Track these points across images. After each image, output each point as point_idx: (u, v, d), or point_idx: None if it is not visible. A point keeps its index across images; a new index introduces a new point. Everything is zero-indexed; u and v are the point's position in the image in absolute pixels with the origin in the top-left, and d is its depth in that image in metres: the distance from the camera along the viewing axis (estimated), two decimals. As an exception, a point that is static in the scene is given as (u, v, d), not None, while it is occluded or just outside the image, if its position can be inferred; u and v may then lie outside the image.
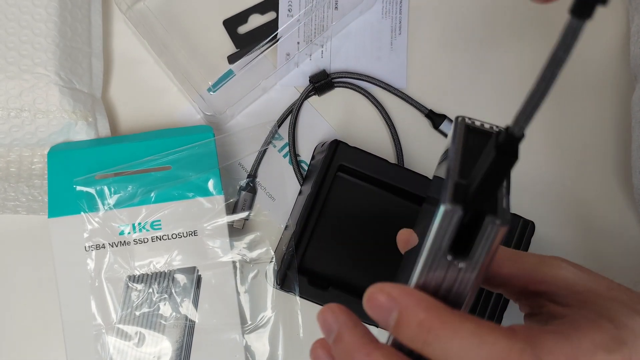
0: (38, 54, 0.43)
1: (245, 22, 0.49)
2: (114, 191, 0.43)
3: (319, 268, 0.44)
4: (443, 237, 0.20)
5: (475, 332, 0.20)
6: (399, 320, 0.21)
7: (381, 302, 0.22)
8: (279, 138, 0.48)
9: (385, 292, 0.22)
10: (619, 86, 0.49)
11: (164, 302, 0.43)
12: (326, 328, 0.24)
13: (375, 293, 0.22)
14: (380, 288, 0.22)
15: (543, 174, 0.48)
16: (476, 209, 0.20)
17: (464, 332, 0.20)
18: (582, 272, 0.26)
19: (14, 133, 0.43)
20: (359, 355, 0.22)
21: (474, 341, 0.20)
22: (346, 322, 0.24)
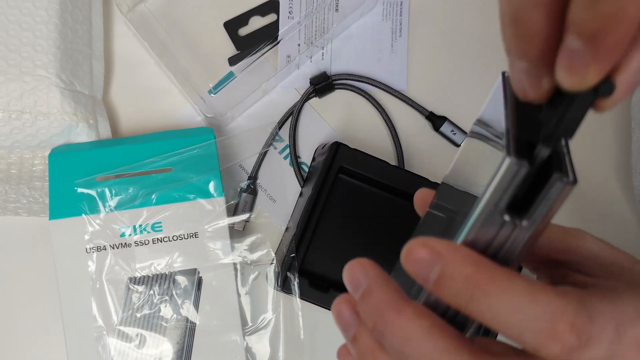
0: (39, 56, 0.43)
1: (246, 24, 0.49)
2: (115, 193, 0.43)
3: (320, 270, 0.45)
4: (503, 193, 0.19)
5: (527, 290, 0.19)
6: (442, 275, 0.20)
7: (422, 256, 0.20)
8: (280, 140, 0.49)
9: (428, 246, 0.20)
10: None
11: (165, 304, 0.43)
12: (354, 283, 0.23)
13: (416, 247, 0.20)
14: (423, 242, 0.20)
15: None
16: (545, 165, 0.19)
17: (515, 289, 0.19)
18: (604, 244, 0.25)
19: (15, 135, 0.43)
20: (389, 312, 0.21)
21: (526, 299, 0.19)
22: (377, 277, 0.22)
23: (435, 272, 0.20)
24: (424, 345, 0.21)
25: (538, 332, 0.19)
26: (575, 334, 0.19)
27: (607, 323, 0.20)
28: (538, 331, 0.19)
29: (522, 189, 0.19)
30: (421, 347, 0.21)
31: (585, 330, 0.19)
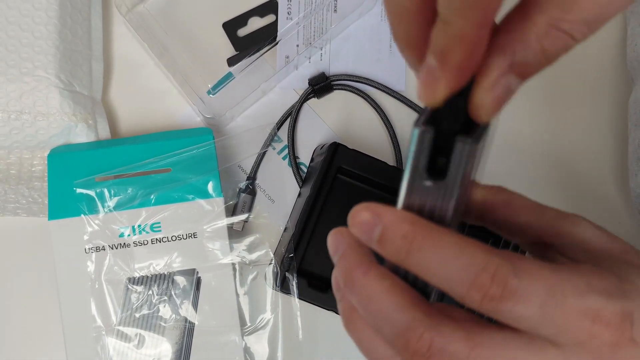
0: (38, 56, 0.43)
1: (244, 25, 0.49)
2: (114, 193, 0.43)
3: (319, 270, 0.45)
4: (419, 159, 0.21)
5: (456, 245, 0.21)
6: (383, 235, 0.22)
7: (365, 219, 0.22)
8: (279, 140, 0.49)
9: (370, 209, 0.22)
10: (615, 88, 0.49)
11: (164, 304, 0.43)
12: (333, 248, 0.24)
13: (360, 210, 0.22)
14: (366, 206, 0.22)
15: (539, 178, 0.48)
16: (448, 130, 0.21)
17: (445, 243, 0.21)
18: (600, 232, 0.26)
19: (14, 135, 0.43)
20: (356, 272, 0.23)
21: (454, 252, 0.21)
22: (351, 243, 0.24)
23: (377, 233, 0.22)
24: (383, 302, 0.22)
25: (463, 282, 0.21)
26: (496, 284, 0.20)
27: (535, 282, 0.20)
28: (463, 282, 0.21)
29: (441, 155, 0.21)
30: (381, 304, 0.22)
31: (508, 283, 0.20)
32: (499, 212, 0.27)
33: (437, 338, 0.21)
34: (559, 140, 0.49)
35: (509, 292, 0.20)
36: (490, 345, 0.21)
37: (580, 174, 0.49)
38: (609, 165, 0.49)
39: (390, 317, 0.22)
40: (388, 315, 0.22)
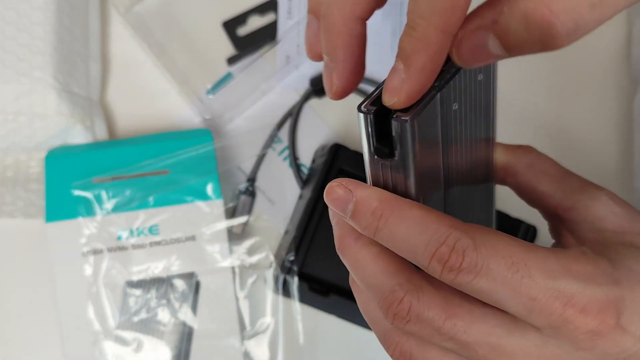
0: (35, 57, 0.43)
1: (244, 24, 0.49)
2: (112, 195, 0.43)
3: (320, 274, 0.44)
4: (367, 141, 0.22)
5: (420, 218, 0.22)
6: (355, 210, 0.23)
7: (340, 194, 0.23)
8: (279, 141, 0.48)
9: (343, 185, 0.23)
10: (620, 90, 0.49)
11: (163, 308, 0.43)
12: (332, 214, 0.25)
13: (334, 186, 0.23)
14: (339, 182, 0.23)
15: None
16: (387, 110, 0.21)
17: (409, 218, 0.22)
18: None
19: (11, 137, 0.43)
20: (348, 239, 0.24)
21: (418, 226, 0.22)
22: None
23: (350, 208, 0.23)
24: (370, 267, 0.23)
25: (425, 254, 0.21)
26: (454, 256, 0.21)
27: (497, 257, 0.21)
28: (425, 254, 0.21)
29: (388, 134, 0.22)
30: (368, 269, 0.23)
31: (467, 255, 0.21)
32: (521, 177, 0.27)
33: (415, 303, 0.22)
34: (563, 141, 0.49)
35: (468, 265, 0.21)
36: (467, 317, 0.22)
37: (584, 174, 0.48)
38: (614, 166, 0.48)
39: (376, 282, 0.23)
40: (374, 279, 0.23)
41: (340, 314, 0.44)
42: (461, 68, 0.22)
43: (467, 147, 0.25)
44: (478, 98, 0.24)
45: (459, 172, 0.25)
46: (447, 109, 0.22)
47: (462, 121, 0.24)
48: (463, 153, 0.25)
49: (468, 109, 0.24)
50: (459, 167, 0.25)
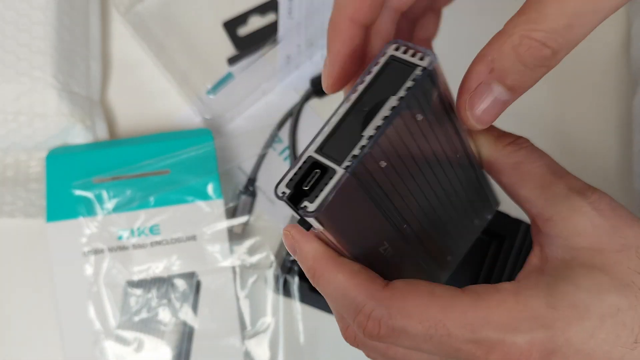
0: (36, 57, 0.43)
1: (245, 24, 0.49)
2: (113, 195, 0.43)
3: (320, 273, 0.44)
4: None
5: (342, 286, 0.23)
6: (298, 259, 0.25)
7: (289, 242, 0.25)
8: (279, 141, 0.48)
9: (290, 235, 0.24)
10: (619, 90, 0.49)
11: (163, 308, 0.43)
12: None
13: (286, 232, 0.25)
14: (289, 229, 0.24)
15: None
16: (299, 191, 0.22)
17: (334, 283, 0.23)
18: (605, 221, 0.24)
19: (11, 137, 0.43)
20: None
21: (340, 293, 0.23)
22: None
23: (296, 257, 0.25)
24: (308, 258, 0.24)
25: (350, 317, 0.23)
26: (371, 323, 0.22)
27: (411, 321, 0.22)
28: (349, 317, 0.23)
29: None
30: (306, 260, 0.24)
31: (383, 323, 0.22)
32: (504, 177, 0.26)
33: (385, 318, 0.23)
34: (563, 141, 0.49)
35: (385, 332, 0.22)
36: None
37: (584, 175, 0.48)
38: (613, 167, 0.48)
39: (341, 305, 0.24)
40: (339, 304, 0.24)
41: (340, 314, 0.44)
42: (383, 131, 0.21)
43: (426, 172, 0.24)
44: (426, 129, 0.23)
45: (423, 198, 0.25)
46: (374, 170, 0.22)
47: (409, 162, 0.23)
48: (422, 181, 0.24)
49: (413, 148, 0.23)
50: (421, 195, 0.25)
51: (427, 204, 0.26)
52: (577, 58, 0.50)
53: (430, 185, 0.25)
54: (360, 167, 0.21)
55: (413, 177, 0.24)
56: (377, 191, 0.23)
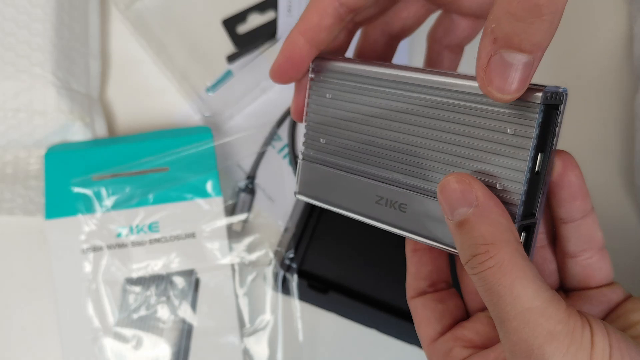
0: (35, 54, 0.43)
1: (244, 22, 0.49)
2: (112, 192, 0.43)
3: (319, 271, 0.44)
4: None
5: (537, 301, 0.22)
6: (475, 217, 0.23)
7: (469, 197, 0.23)
8: (278, 139, 0.48)
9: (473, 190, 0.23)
10: (622, 87, 0.49)
11: (162, 305, 0.43)
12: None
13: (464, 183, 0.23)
14: (471, 182, 0.23)
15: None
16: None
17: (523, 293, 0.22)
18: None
19: (11, 134, 0.43)
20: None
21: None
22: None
23: (460, 213, 0.23)
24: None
25: None
26: None
27: None
28: None
29: None
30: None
31: None
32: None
33: None
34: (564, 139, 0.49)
35: None
36: None
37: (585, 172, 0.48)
38: (615, 164, 0.48)
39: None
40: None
41: (339, 312, 0.44)
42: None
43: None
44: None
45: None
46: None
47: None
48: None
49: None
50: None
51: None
52: (580, 55, 0.50)
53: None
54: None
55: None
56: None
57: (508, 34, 0.21)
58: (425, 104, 0.26)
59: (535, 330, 0.22)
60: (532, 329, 0.22)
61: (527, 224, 0.24)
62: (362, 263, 0.44)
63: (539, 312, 0.22)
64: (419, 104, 0.26)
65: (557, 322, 0.22)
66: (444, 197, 0.24)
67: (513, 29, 0.21)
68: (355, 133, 0.28)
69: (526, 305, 0.22)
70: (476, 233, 0.23)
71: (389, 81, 0.27)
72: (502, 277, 0.22)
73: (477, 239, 0.23)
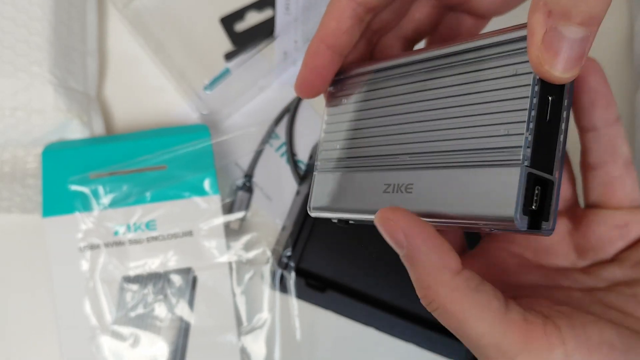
0: (33, 52, 0.43)
1: (242, 20, 0.49)
2: (109, 190, 0.43)
3: (316, 269, 0.44)
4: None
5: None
6: (408, 260, 0.22)
7: (397, 238, 0.22)
8: (276, 137, 0.48)
9: (400, 229, 0.22)
10: (622, 85, 0.49)
11: (159, 303, 0.43)
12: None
13: (390, 222, 0.22)
14: (397, 219, 0.22)
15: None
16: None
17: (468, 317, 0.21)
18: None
19: (8, 132, 0.43)
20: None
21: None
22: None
23: (401, 253, 0.22)
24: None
25: None
26: None
27: None
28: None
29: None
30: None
31: None
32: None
33: None
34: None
35: None
36: None
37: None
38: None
39: None
40: None
41: (337, 310, 0.43)
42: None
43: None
44: None
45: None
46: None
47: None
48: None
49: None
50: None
51: None
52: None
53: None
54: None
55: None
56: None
57: (565, 5, 0.19)
58: (426, 77, 0.25)
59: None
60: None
61: (540, 176, 0.22)
62: (360, 261, 0.44)
63: (494, 348, 0.21)
64: (421, 79, 0.25)
65: (514, 354, 0.21)
66: (382, 234, 0.23)
67: (569, 0, 0.19)
68: (365, 128, 0.28)
69: (481, 343, 0.21)
70: (415, 275, 0.22)
71: (393, 67, 0.27)
72: (448, 319, 0.22)
73: (416, 282, 0.22)
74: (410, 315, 0.42)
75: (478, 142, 0.22)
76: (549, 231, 0.21)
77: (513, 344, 0.21)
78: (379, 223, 0.23)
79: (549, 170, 0.22)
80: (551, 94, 0.22)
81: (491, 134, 0.22)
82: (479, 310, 0.21)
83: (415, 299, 0.22)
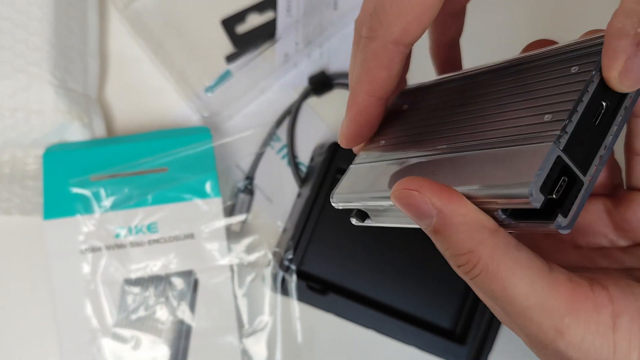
0: (32, 53, 0.43)
1: (243, 22, 0.48)
2: (110, 193, 0.43)
3: (318, 272, 0.44)
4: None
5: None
6: (441, 229, 0.21)
7: (424, 208, 0.21)
8: (277, 140, 0.48)
9: (426, 198, 0.21)
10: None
11: (161, 306, 0.43)
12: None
13: (412, 193, 0.21)
14: (421, 188, 0.21)
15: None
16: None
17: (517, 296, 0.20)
18: None
19: (8, 133, 0.43)
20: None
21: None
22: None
23: (428, 222, 0.21)
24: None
25: None
26: None
27: None
28: None
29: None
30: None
31: None
32: None
33: None
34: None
35: None
36: None
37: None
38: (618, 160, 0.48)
39: None
40: None
41: (338, 313, 0.44)
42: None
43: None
44: None
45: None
46: None
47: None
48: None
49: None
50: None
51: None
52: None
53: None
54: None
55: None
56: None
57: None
58: (477, 85, 0.25)
59: (542, 328, 0.20)
60: (538, 327, 0.20)
61: (570, 168, 0.20)
62: (361, 264, 0.44)
63: (539, 309, 0.20)
64: (471, 89, 0.25)
65: (561, 316, 0.20)
66: (403, 209, 0.22)
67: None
68: (412, 128, 0.27)
69: (524, 304, 0.20)
70: (451, 243, 0.21)
71: (454, 80, 0.27)
72: (491, 282, 0.21)
73: (454, 249, 0.21)
74: (411, 317, 0.43)
75: (519, 130, 0.21)
76: (563, 228, 0.20)
77: (560, 304, 0.20)
78: (398, 197, 0.22)
79: (582, 169, 0.21)
80: (607, 100, 0.21)
81: (534, 122, 0.21)
82: (522, 268, 0.20)
83: (416, 301, 0.22)
